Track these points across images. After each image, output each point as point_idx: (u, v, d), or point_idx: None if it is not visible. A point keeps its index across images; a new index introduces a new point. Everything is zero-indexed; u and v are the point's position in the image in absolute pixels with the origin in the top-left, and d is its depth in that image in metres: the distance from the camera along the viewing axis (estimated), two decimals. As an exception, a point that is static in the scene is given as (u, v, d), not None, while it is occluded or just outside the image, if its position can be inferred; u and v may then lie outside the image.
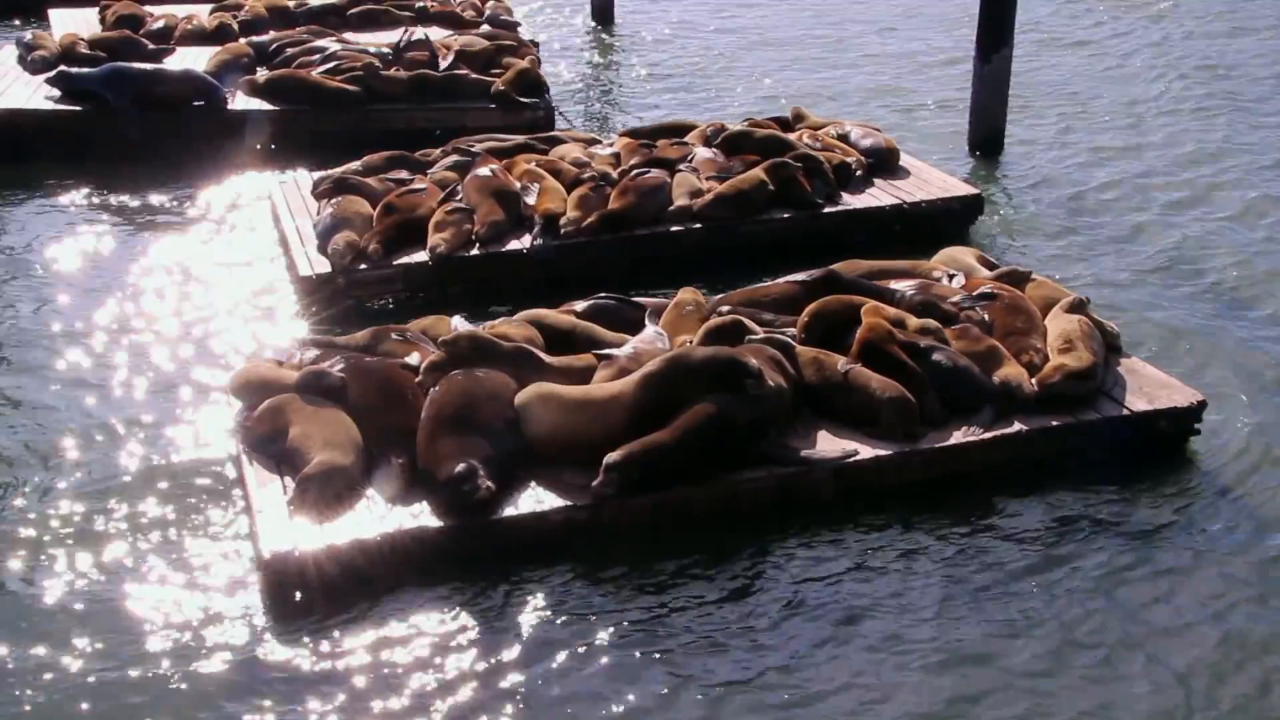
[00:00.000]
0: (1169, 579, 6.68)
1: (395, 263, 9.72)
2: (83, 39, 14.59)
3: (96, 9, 16.38)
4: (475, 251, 9.91)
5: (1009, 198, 12.17)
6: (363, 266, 9.63)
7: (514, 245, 10.02)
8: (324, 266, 9.62)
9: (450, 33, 15.87)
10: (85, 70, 13.28)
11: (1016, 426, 7.44)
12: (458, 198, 10.36)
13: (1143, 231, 11.30)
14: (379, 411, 7.05)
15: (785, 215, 10.70)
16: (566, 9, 20.24)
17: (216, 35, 15.36)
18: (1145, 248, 10.95)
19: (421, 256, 9.77)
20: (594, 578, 6.56)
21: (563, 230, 10.08)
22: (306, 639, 6.10)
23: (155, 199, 11.81)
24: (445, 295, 9.42)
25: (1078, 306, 8.22)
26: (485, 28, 16.27)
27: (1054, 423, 7.49)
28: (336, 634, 6.14)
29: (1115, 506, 7.23)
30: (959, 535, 6.98)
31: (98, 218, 11.44)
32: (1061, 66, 17.03)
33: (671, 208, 10.46)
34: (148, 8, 16.28)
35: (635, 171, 10.72)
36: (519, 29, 16.78)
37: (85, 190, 12.02)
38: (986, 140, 13.26)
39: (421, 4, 17.00)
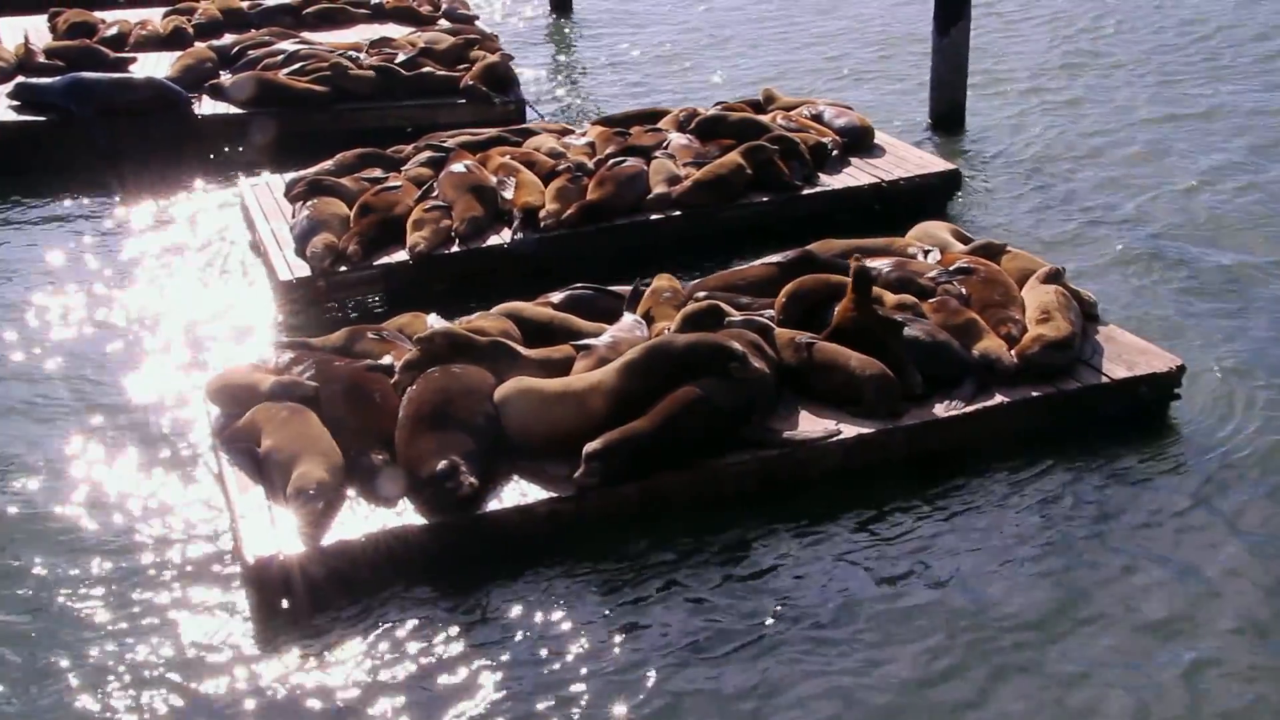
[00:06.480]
0: (1156, 543, 6.68)
1: (376, 263, 9.69)
2: (39, 48, 14.49)
3: (45, 16, 16.30)
4: (456, 249, 9.88)
5: (974, 170, 12.18)
6: (343, 268, 9.60)
7: (494, 240, 10.00)
8: (303, 270, 9.59)
9: (411, 29, 15.88)
10: (46, 81, 13.24)
11: (997, 399, 7.45)
12: (434, 195, 10.34)
13: (1111, 199, 11.33)
14: (347, 417, 7.01)
15: (764, 199, 10.70)
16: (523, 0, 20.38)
17: (172, 40, 15.32)
18: (1115, 215, 10.97)
19: (402, 256, 9.74)
20: (581, 570, 6.55)
21: (543, 223, 10.05)
22: (293, 643, 6.09)
23: (124, 208, 11.78)
24: (429, 294, 9.37)
25: (1053, 277, 8.22)
26: (443, 22, 16.26)
27: (1035, 394, 7.50)
28: (323, 637, 6.12)
29: (1099, 474, 7.24)
30: (944, 510, 6.98)
31: (67, 228, 11.41)
32: (1018, 37, 17.11)
33: (650, 195, 10.45)
34: (98, 14, 16.20)
35: (612, 161, 10.70)
36: (476, 22, 16.77)
37: (53, 201, 11.99)
38: (947, 114, 13.32)
39: (377, 0, 16.99)
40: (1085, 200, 11.30)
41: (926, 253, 8.76)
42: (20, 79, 13.45)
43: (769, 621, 6.18)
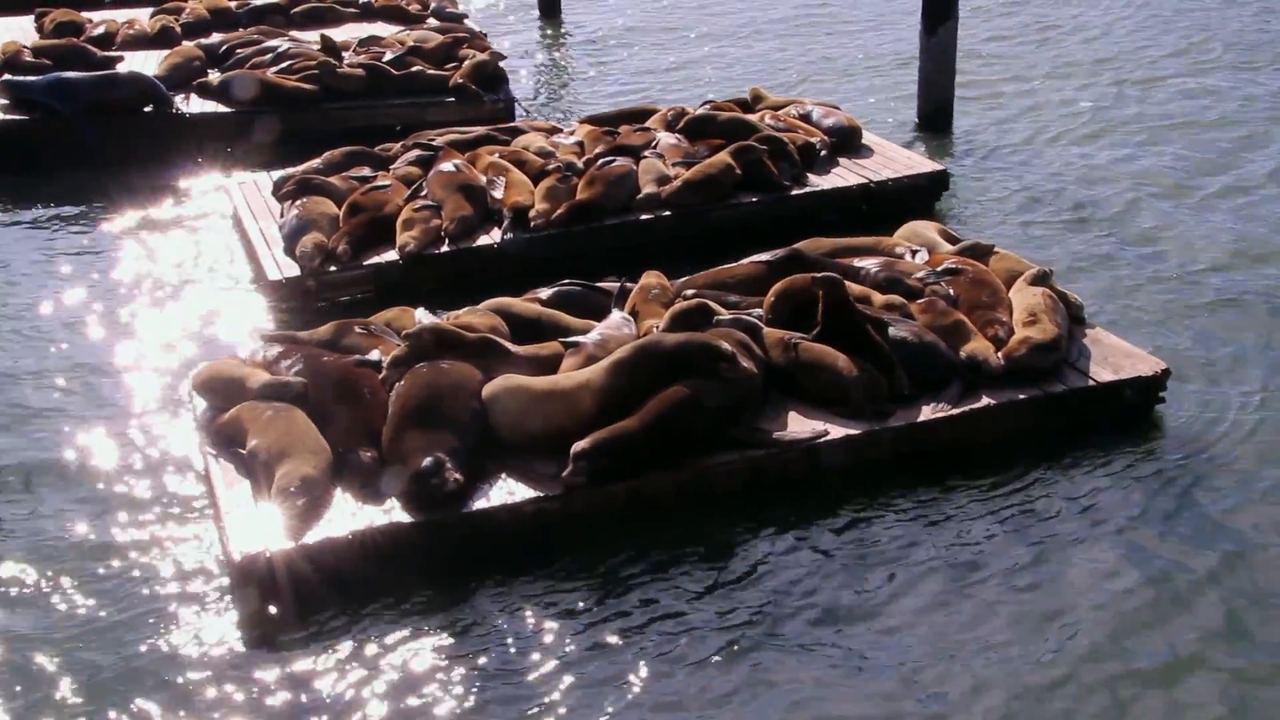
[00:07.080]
0: (1140, 545, 6.70)
1: (365, 263, 9.68)
2: (26, 47, 14.46)
3: (32, 16, 16.28)
4: (445, 248, 9.87)
5: (962, 170, 12.21)
6: (332, 268, 9.59)
7: (484, 240, 9.99)
8: (292, 270, 9.59)
9: (400, 28, 15.91)
10: (30, 79, 13.23)
11: (984, 400, 7.46)
12: (423, 194, 10.33)
13: (1100, 201, 11.35)
14: (336, 411, 6.99)
15: (753, 199, 10.72)
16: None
17: (160, 39, 15.33)
18: (1102, 216, 11.00)
19: (391, 255, 9.74)
20: (568, 569, 6.55)
21: (532, 223, 10.05)
22: (279, 641, 6.09)
23: (111, 206, 11.75)
24: (418, 293, 9.32)
25: (1041, 279, 8.25)
26: (432, 21, 16.26)
27: (1021, 395, 7.52)
28: (309, 634, 6.12)
29: (1084, 477, 7.25)
30: (930, 511, 6.99)
31: (54, 227, 11.39)
32: (1006, 38, 17.20)
33: (640, 195, 10.45)
34: (86, 13, 16.18)
35: (601, 160, 10.71)
36: (465, 20, 16.78)
37: (40, 199, 11.96)
38: (935, 114, 13.37)
39: None
40: (1073, 201, 11.33)
41: (914, 253, 8.78)
42: (6, 77, 13.41)
43: (755, 623, 6.18)
